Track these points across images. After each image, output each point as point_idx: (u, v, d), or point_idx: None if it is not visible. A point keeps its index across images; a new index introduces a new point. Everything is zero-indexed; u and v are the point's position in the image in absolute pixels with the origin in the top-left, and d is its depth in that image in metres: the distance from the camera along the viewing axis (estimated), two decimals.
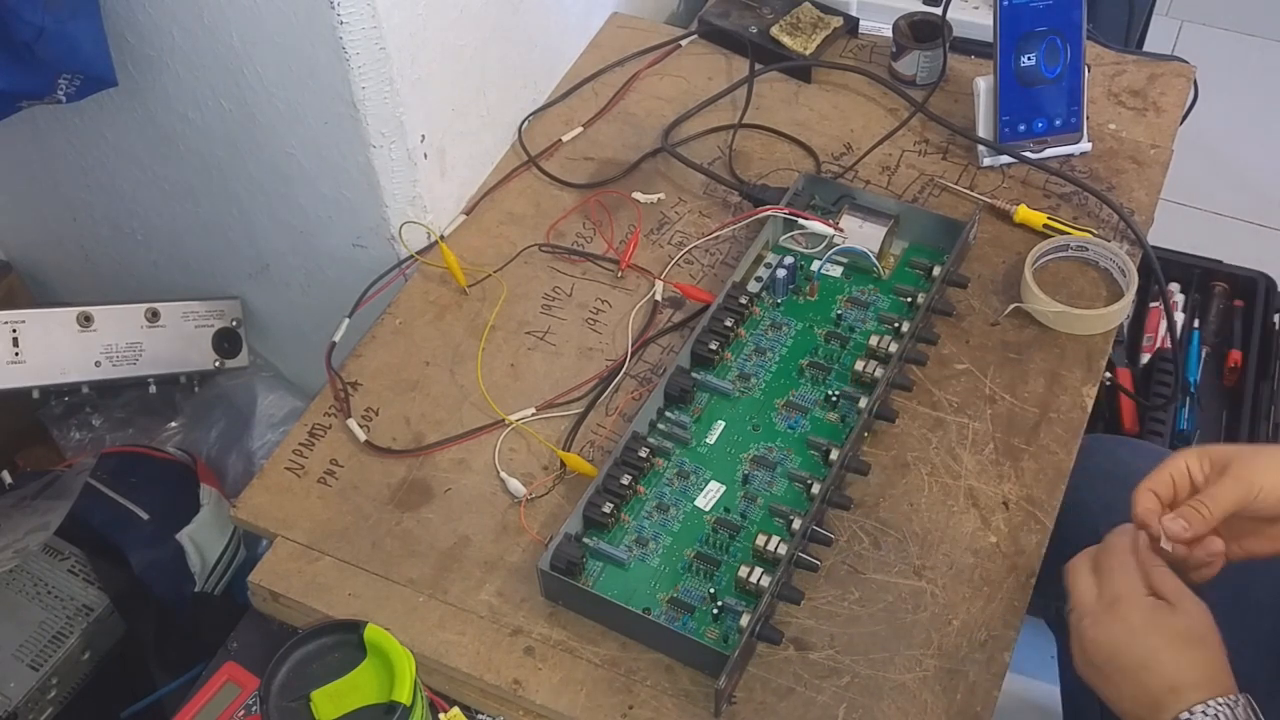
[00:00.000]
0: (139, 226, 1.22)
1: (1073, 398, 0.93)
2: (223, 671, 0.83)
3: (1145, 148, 1.10)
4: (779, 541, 0.83)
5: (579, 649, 0.82)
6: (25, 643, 1.05)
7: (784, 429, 0.91)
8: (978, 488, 0.89)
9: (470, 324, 1.02)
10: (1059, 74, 1.07)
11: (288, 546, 0.89)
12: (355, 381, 0.99)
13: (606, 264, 1.05)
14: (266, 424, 1.25)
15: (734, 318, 0.96)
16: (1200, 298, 1.48)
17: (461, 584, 0.86)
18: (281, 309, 1.24)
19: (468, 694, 0.83)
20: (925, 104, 1.14)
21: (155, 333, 1.19)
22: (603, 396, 0.96)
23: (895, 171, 1.10)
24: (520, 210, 1.11)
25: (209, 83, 1.01)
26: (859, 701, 0.79)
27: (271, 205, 1.10)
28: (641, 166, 1.13)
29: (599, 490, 0.86)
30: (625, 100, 1.20)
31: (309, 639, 0.71)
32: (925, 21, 1.16)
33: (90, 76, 0.95)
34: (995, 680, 0.79)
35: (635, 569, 0.85)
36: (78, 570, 1.10)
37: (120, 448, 1.21)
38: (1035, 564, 0.84)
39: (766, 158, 1.13)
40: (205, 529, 1.16)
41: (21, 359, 1.10)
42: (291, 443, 0.95)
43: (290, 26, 0.91)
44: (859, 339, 0.95)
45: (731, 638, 0.80)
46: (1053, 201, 1.06)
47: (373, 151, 0.99)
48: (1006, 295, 0.99)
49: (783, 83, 1.20)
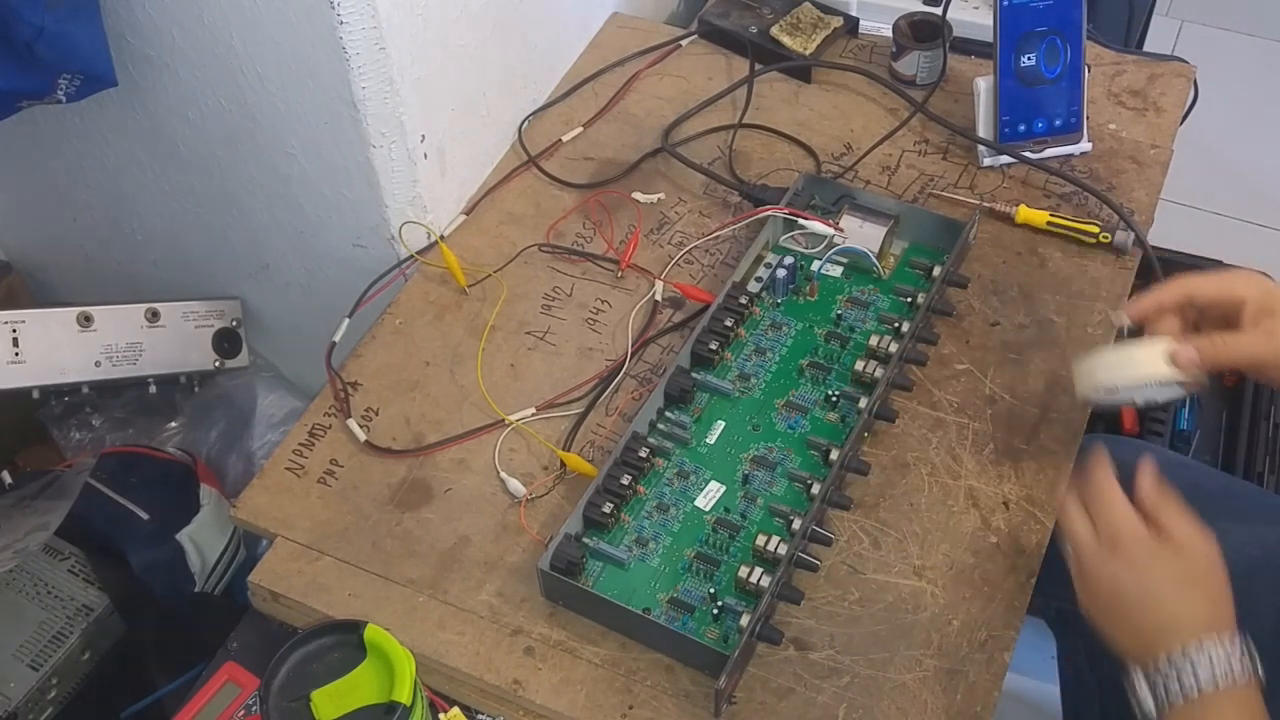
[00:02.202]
0: (139, 226, 1.22)
1: (1073, 398, 0.93)
2: (223, 671, 0.83)
3: (1145, 148, 1.10)
4: (779, 541, 0.83)
5: (579, 649, 0.82)
6: (25, 643, 1.05)
7: (784, 429, 0.91)
8: (978, 488, 0.89)
9: (470, 324, 1.02)
10: (1059, 74, 1.07)
11: (288, 546, 0.89)
12: (355, 381, 0.99)
13: (606, 264, 1.05)
14: (266, 424, 1.25)
15: (734, 318, 0.96)
16: None
17: (461, 584, 0.86)
18: (281, 309, 1.24)
19: (468, 694, 0.83)
20: (925, 104, 1.14)
21: (155, 333, 1.19)
22: (603, 396, 0.96)
23: (895, 171, 1.10)
24: (520, 210, 1.11)
25: (209, 83, 1.01)
26: (859, 701, 0.79)
27: (271, 205, 1.10)
28: (641, 166, 1.13)
29: (599, 490, 0.86)
30: (625, 100, 1.20)
31: (309, 639, 0.71)
32: (925, 21, 1.16)
33: (90, 76, 0.95)
34: (995, 680, 0.79)
35: (635, 569, 0.85)
36: (78, 570, 1.10)
37: (120, 448, 1.21)
38: (1035, 564, 0.84)
39: (766, 158, 1.13)
40: (205, 529, 1.16)
41: (21, 359, 1.10)
42: (291, 443, 0.95)
43: (290, 26, 0.91)
44: (859, 339, 0.95)
45: (731, 638, 0.80)
46: (1053, 201, 1.06)
47: (373, 151, 0.99)
48: (1007, 295, 0.99)
49: (783, 83, 1.20)
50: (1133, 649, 0.71)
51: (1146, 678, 0.70)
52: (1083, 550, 0.74)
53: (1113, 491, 0.75)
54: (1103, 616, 0.73)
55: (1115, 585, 0.72)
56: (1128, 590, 0.72)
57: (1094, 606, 0.74)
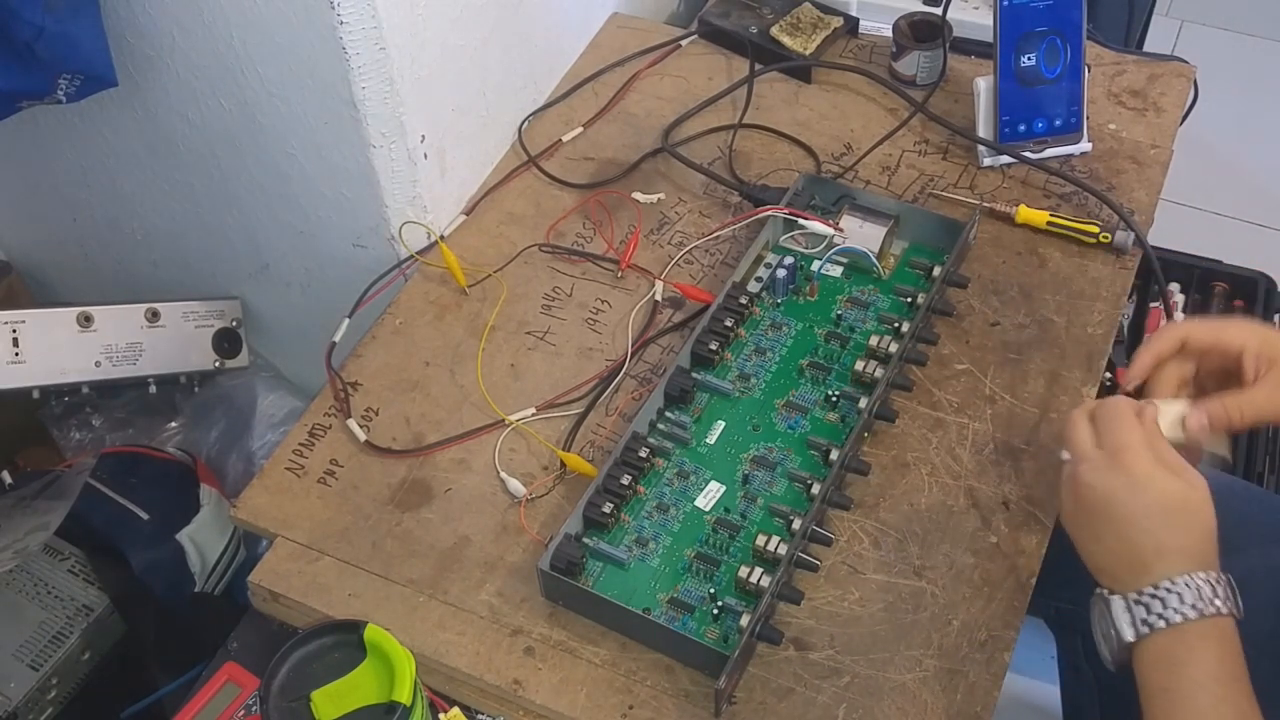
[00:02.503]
0: (139, 226, 1.22)
1: (1073, 398, 0.93)
2: (223, 671, 0.83)
3: (1145, 148, 1.10)
4: (779, 541, 0.83)
5: (579, 649, 0.82)
6: (25, 643, 1.05)
7: (784, 429, 0.91)
8: (978, 488, 0.89)
9: (470, 324, 1.02)
10: (1059, 74, 1.07)
11: (288, 546, 0.89)
12: (355, 381, 0.99)
13: (606, 264, 1.05)
14: (266, 424, 1.25)
15: (734, 318, 0.96)
16: (1200, 298, 1.48)
17: (461, 584, 0.86)
18: (281, 309, 1.24)
19: (468, 694, 0.83)
20: (925, 104, 1.14)
21: (155, 333, 1.19)
22: (603, 396, 0.96)
23: (895, 171, 1.10)
24: (520, 210, 1.11)
25: (209, 83, 1.01)
26: (859, 701, 0.79)
27: (271, 205, 1.10)
28: (641, 166, 1.13)
29: (599, 490, 0.86)
30: (625, 100, 1.20)
31: (309, 639, 0.71)
32: (925, 21, 1.16)
33: (90, 76, 0.95)
34: (995, 680, 0.79)
35: (635, 569, 0.85)
36: (78, 570, 1.10)
37: (120, 448, 1.21)
38: (1035, 564, 0.84)
39: (766, 158, 1.13)
40: (205, 529, 1.16)
41: (21, 359, 1.10)
42: (291, 443, 0.95)
43: (290, 26, 0.91)
44: (859, 339, 0.95)
45: (731, 638, 0.80)
46: (1053, 201, 1.06)
47: (373, 151, 0.99)
48: (1007, 295, 0.99)
49: (783, 83, 1.20)
50: (1112, 569, 0.70)
51: (1125, 602, 0.68)
52: (1083, 458, 0.72)
53: (1126, 407, 0.73)
54: (1086, 531, 0.71)
55: (1109, 498, 0.70)
56: (1121, 505, 0.70)
57: (1080, 519, 0.72)
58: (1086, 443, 0.73)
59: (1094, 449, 0.73)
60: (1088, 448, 0.73)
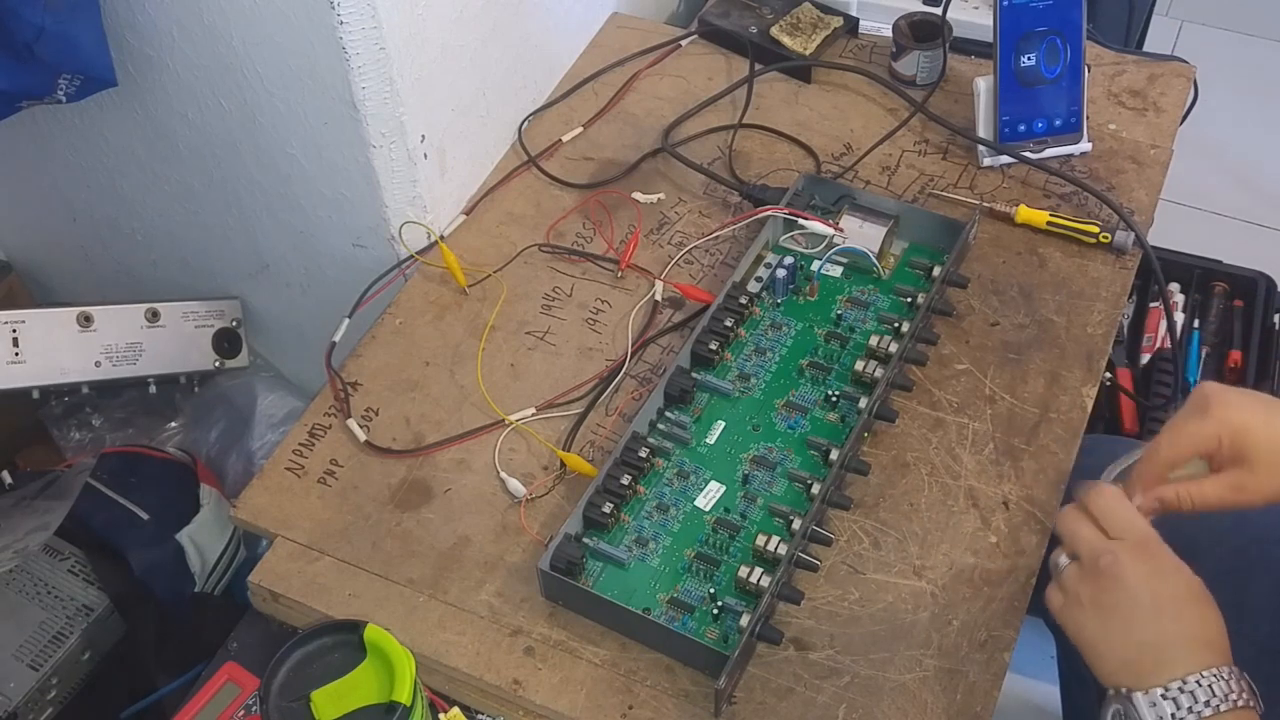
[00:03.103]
0: (139, 226, 1.22)
1: (1073, 398, 0.93)
2: (223, 671, 0.83)
3: (1145, 148, 1.10)
4: (779, 541, 0.83)
5: (579, 649, 0.82)
6: (25, 643, 1.05)
7: (784, 429, 0.91)
8: (978, 488, 0.89)
9: (470, 324, 1.02)
10: (1059, 74, 1.07)
11: (287, 546, 0.89)
12: (355, 381, 0.99)
13: (606, 264, 1.05)
14: (266, 424, 1.25)
15: (734, 318, 0.96)
16: (1200, 298, 1.48)
17: (461, 584, 0.86)
18: (281, 309, 1.24)
19: (468, 694, 0.83)
20: (925, 104, 1.14)
21: (155, 333, 1.19)
22: (603, 396, 0.96)
23: (895, 171, 1.10)
24: (520, 210, 1.11)
25: (209, 83, 1.01)
26: (859, 701, 0.79)
27: (271, 205, 1.10)
28: (641, 166, 1.13)
29: (599, 490, 0.86)
30: (625, 100, 1.20)
31: (309, 639, 0.71)
32: (925, 21, 1.16)
33: (90, 76, 0.95)
34: (995, 680, 0.79)
35: (635, 569, 0.85)
36: (78, 570, 1.10)
37: (120, 448, 1.21)
38: (1035, 564, 0.84)
39: (766, 158, 1.13)
40: (205, 529, 1.16)
41: (21, 359, 1.10)
42: (291, 443, 0.95)
43: (290, 26, 0.91)
44: (859, 339, 0.95)
45: (731, 638, 0.80)
46: (1053, 201, 1.06)
47: (373, 151, 0.99)
48: (1007, 295, 0.99)
49: (783, 83, 1.20)
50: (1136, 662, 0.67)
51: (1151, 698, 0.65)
52: (1101, 551, 0.69)
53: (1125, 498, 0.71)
54: (1108, 625, 0.68)
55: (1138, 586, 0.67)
56: (1152, 594, 0.67)
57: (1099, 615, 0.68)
58: (1097, 536, 0.70)
59: (1107, 540, 0.70)
60: (1101, 540, 0.70)
